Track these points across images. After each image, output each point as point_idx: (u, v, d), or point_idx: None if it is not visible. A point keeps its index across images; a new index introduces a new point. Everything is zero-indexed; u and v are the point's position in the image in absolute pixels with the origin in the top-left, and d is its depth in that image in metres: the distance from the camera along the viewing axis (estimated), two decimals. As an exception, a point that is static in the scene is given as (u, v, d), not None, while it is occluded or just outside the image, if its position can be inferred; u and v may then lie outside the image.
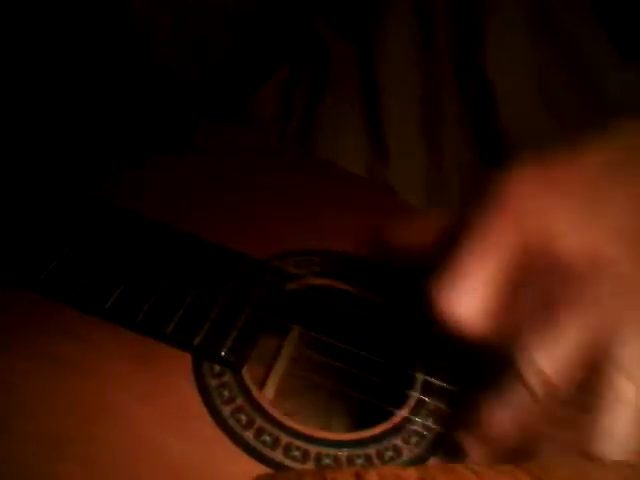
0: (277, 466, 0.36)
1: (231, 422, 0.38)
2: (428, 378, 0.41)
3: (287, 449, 0.37)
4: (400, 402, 0.41)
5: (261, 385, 0.46)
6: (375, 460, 0.37)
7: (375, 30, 0.53)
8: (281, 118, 0.57)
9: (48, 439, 0.36)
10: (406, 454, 0.38)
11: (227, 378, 0.40)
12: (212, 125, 0.57)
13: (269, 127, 0.58)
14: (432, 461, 0.38)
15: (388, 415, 0.40)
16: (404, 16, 0.52)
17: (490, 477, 0.32)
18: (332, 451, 0.37)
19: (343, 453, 0.37)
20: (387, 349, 0.44)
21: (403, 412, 0.40)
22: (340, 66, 0.56)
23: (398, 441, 0.38)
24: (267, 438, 0.37)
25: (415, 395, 0.40)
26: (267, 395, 0.46)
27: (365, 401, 0.43)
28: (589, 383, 0.30)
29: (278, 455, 0.37)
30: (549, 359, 0.30)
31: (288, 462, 0.37)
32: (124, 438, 0.36)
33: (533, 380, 0.30)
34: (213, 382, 0.39)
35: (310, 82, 0.57)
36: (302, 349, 0.49)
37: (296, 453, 0.37)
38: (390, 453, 0.38)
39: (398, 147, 0.53)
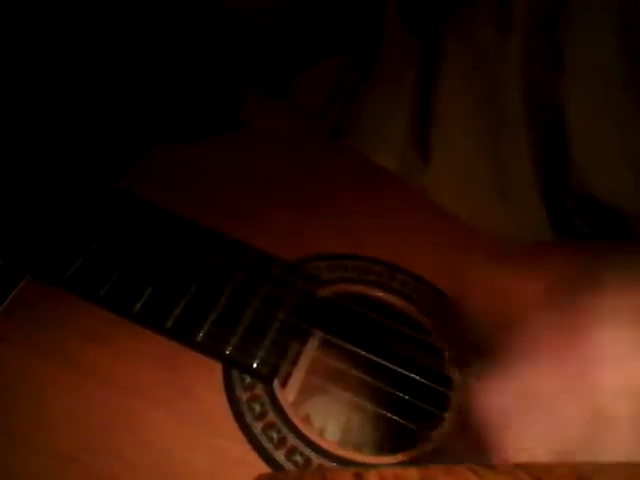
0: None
1: (262, 440, 0.36)
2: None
3: (319, 470, 0.36)
4: (424, 418, 0.39)
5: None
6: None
7: (446, 31, 0.50)
8: (324, 106, 0.55)
9: (66, 453, 0.34)
10: None
11: (258, 391, 0.38)
12: (260, 100, 0.54)
13: (313, 114, 0.55)
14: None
15: (411, 430, 0.39)
16: (480, 22, 0.49)
17: (490, 477, 0.31)
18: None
19: None
20: (422, 364, 0.43)
21: (439, 435, 0.38)
22: (393, 61, 0.53)
23: (433, 467, 0.37)
24: (299, 458, 0.36)
25: (452, 417, 0.39)
26: (288, 398, 0.44)
27: (389, 415, 0.42)
28: None
29: (310, 477, 0.35)
30: None
31: None
32: (146, 450, 0.35)
33: None
34: (244, 395, 0.38)
35: (359, 74, 0.54)
36: (324, 354, 0.48)
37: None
38: None
39: (444, 152, 0.51)
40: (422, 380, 0.41)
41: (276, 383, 0.39)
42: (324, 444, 0.37)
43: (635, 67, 0.44)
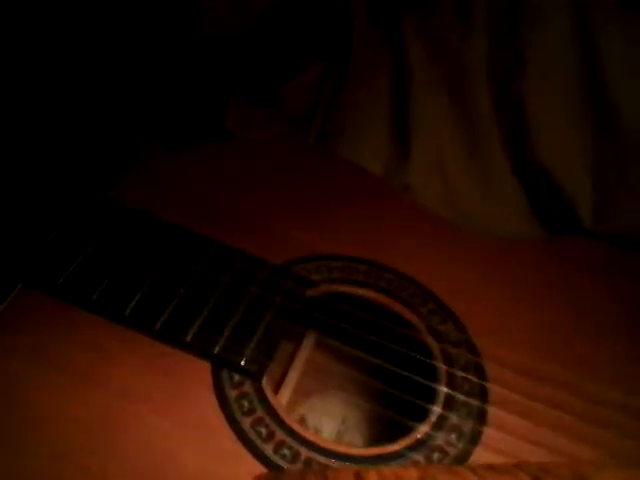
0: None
1: (251, 435, 0.37)
2: (451, 392, 0.40)
3: (307, 463, 0.36)
4: (419, 415, 0.40)
5: (275, 389, 0.46)
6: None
7: (413, 32, 0.52)
8: (308, 113, 0.56)
9: (61, 455, 0.35)
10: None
11: (247, 388, 0.39)
12: (244, 109, 0.56)
13: (297, 122, 0.57)
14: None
15: (406, 426, 0.39)
16: (443, 22, 0.51)
17: (490, 477, 0.31)
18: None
19: None
20: (409, 361, 0.43)
21: (425, 427, 0.39)
22: (365, 64, 0.54)
23: (420, 457, 0.37)
24: (287, 452, 0.37)
25: (437, 410, 0.40)
26: (282, 400, 0.45)
27: (382, 412, 0.42)
28: None
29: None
30: None
31: None
32: (139, 450, 0.36)
33: None
34: (232, 392, 0.39)
35: (337, 80, 0.56)
36: (318, 355, 0.49)
37: (315, 467, 0.36)
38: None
39: (422, 148, 0.52)
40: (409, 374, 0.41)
41: (265, 380, 0.40)
42: (311, 437, 0.37)
43: (588, 67, 0.47)
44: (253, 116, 0.57)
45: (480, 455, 0.38)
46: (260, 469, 0.36)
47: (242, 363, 0.39)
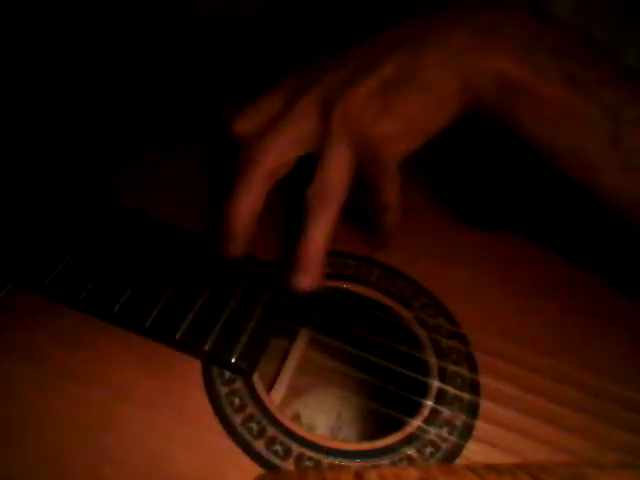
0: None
1: (242, 431, 0.37)
2: (443, 386, 0.40)
3: (299, 459, 0.36)
4: (412, 410, 0.40)
5: (269, 386, 0.45)
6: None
7: None
8: None
9: (54, 455, 0.35)
10: (420, 465, 0.37)
11: (238, 385, 0.39)
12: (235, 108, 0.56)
13: None
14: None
15: (400, 422, 0.39)
16: None
17: (490, 477, 0.31)
18: (345, 462, 0.36)
19: (357, 465, 0.36)
20: (401, 355, 0.43)
21: (417, 421, 0.39)
22: None
23: (412, 452, 0.37)
24: (278, 448, 0.37)
25: (429, 404, 0.39)
26: (275, 397, 0.45)
27: (375, 407, 0.42)
28: None
29: (289, 466, 0.36)
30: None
31: None
32: (129, 448, 0.36)
33: None
34: (223, 389, 0.38)
35: None
36: (311, 352, 0.48)
37: (307, 463, 0.36)
38: (404, 464, 0.37)
39: None
40: (404, 370, 0.41)
41: (256, 377, 0.39)
42: (303, 433, 0.37)
43: None
44: None
45: (473, 449, 0.38)
46: (251, 466, 0.36)
47: (233, 360, 0.39)
